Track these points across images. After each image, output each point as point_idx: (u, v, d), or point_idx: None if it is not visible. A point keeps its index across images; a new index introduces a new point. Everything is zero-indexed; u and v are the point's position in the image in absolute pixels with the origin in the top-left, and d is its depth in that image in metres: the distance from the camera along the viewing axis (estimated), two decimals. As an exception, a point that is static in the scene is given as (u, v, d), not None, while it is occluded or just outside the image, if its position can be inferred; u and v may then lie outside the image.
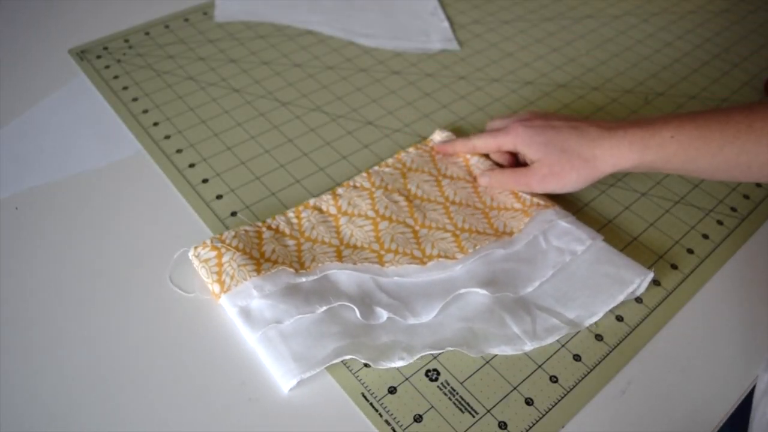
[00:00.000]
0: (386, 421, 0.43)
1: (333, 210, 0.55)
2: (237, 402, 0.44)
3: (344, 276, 0.50)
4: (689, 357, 0.48)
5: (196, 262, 0.50)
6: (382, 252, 0.52)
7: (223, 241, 0.50)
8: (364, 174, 0.58)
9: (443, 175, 0.59)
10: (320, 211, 0.55)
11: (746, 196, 0.61)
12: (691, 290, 0.52)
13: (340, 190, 0.57)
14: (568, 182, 0.54)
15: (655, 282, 0.53)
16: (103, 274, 0.51)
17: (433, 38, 0.79)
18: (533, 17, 0.85)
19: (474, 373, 0.46)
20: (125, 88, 0.68)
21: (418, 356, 0.46)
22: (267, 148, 0.62)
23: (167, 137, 0.63)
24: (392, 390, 0.45)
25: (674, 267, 0.54)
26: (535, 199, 0.56)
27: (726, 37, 0.84)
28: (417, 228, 0.54)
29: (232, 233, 0.51)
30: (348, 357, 0.45)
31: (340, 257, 0.51)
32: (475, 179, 0.59)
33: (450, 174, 0.59)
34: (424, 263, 0.51)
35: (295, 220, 0.54)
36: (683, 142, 0.49)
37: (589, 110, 0.70)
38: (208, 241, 0.50)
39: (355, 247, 0.52)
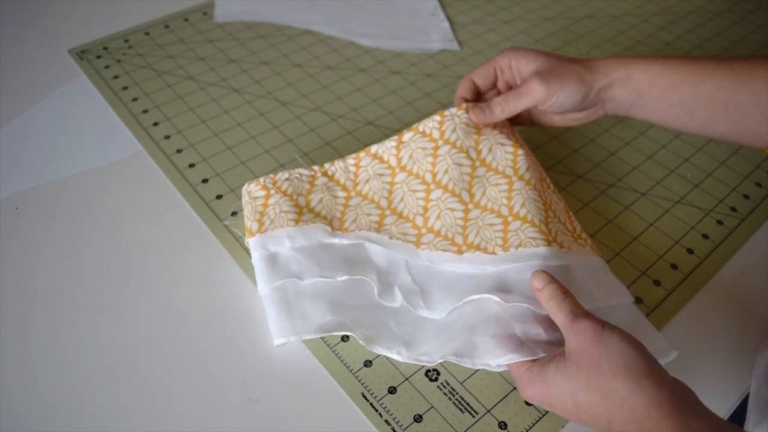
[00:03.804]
0: (386, 421, 0.43)
1: (393, 161, 0.54)
2: (237, 402, 0.44)
3: (378, 249, 0.50)
4: (689, 357, 0.48)
5: (246, 197, 0.52)
6: (424, 230, 0.50)
7: (275, 183, 0.52)
8: (437, 117, 0.54)
9: (521, 146, 0.55)
10: (381, 160, 0.54)
11: (746, 196, 0.61)
12: (691, 290, 0.52)
13: (406, 136, 0.54)
14: (568, 83, 0.52)
15: (655, 282, 0.53)
16: (103, 274, 0.51)
17: (433, 38, 0.79)
18: (533, 17, 0.85)
19: (474, 373, 0.46)
20: (125, 88, 0.68)
21: (414, 359, 0.45)
22: (267, 147, 0.62)
23: (167, 137, 0.63)
24: (392, 390, 0.45)
25: (674, 267, 0.54)
26: (584, 234, 0.53)
27: (726, 37, 0.84)
28: (470, 206, 0.51)
29: (286, 175, 0.52)
30: (348, 333, 0.46)
31: (381, 224, 0.51)
32: (544, 179, 0.55)
33: (526, 152, 0.55)
34: (460, 252, 0.49)
35: (353, 168, 0.54)
36: (667, 65, 0.52)
37: (589, 110, 0.70)
38: (261, 180, 0.52)
39: (400, 215, 0.51)
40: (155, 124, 0.64)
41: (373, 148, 0.54)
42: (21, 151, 0.61)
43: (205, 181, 0.59)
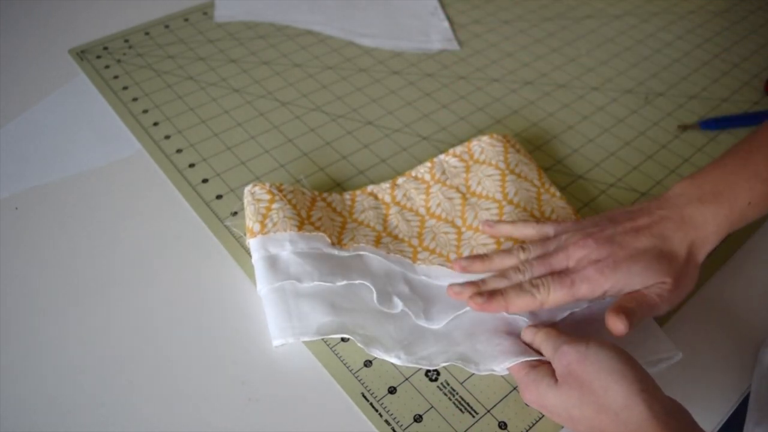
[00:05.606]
0: (386, 421, 0.43)
1: (387, 199, 0.56)
2: (237, 402, 0.44)
3: (376, 260, 0.50)
4: (689, 357, 0.48)
5: (248, 198, 0.52)
6: (419, 249, 0.52)
7: (280, 190, 0.52)
8: (428, 164, 0.58)
9: (511, 170, 0.57)
10: (375, 197, 0.56)
11: (746, 196, 0.61)
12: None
13: (400, 180, 0.57)
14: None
15: (655, 282, 0.53)
16: (102, 274, 0.51)
17: (433, 38, 0.79)
18: (533, 17, 0.85)
19: (474, 373, 0.46)
20: (125, 88, 0.68)
21: (414, 363, 0.45)
22: (267, 147, 0.62)
23: (167, 137, 0.63)
24: (392, 390, 0.45)
25: (674, 267, 0.54)
26: None
27: (726, 37, 0.84)
28: (463, 230, 0.53)
29: (291, 187, 0.53)
30: (347, 336, 0.46)
31: (378, 242, 0.52)
32: (543, 184, 0.57)
33: (519, 172, 0.57)
34: (455, 268, 0.50)
35: (349, 202, 0.56)
36: (759, 205, 0.47)
37: (588, 110, 0.70)
38: (267, 185, 0.52)
39: (395, 237, 0.53)
40: (155, 124, 0.64)
41: (369, 188, 0.57)
42: (21, 151, 0.61)
43: (205, 181, 0.59)
